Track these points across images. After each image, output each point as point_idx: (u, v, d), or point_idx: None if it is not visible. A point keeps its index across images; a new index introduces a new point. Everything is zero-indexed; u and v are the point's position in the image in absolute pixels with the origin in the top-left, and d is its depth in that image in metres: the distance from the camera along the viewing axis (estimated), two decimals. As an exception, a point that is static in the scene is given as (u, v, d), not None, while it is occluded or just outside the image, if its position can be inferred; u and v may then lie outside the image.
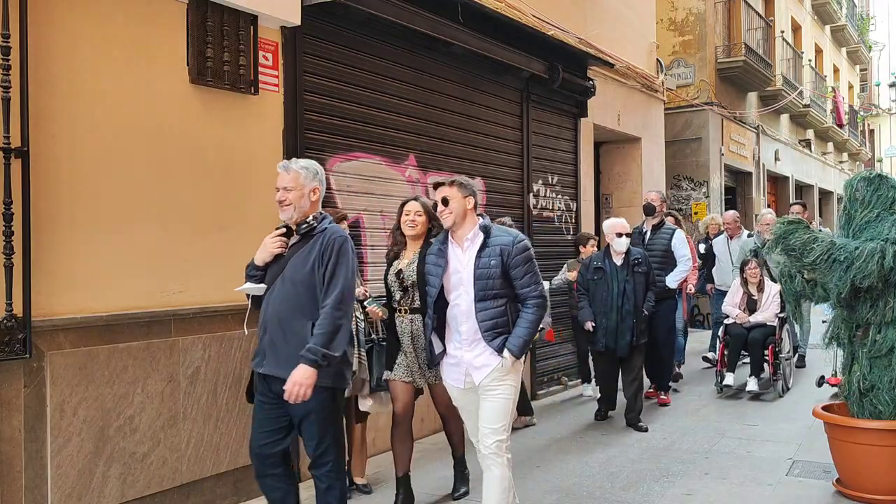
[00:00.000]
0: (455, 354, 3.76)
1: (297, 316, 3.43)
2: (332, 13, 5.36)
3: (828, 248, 4.50)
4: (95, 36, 4.02)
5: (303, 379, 3.30)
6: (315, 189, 3.58)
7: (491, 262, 3.63)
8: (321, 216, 3.58)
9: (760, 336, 7.50)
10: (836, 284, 4.43)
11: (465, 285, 3.68)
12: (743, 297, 7.78)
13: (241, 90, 4.77)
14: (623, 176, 10.95)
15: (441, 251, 3.75)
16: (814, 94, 20.13)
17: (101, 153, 4.02)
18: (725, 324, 7.81)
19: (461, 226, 3.71)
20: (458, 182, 3.72)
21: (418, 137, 6.34)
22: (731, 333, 7.67)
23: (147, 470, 4.18)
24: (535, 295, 3.69)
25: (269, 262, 3.54)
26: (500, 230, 3.76)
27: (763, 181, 16.98)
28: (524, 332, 3.64)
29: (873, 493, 4.51)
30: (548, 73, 7.78)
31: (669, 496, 4.76)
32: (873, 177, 4.83)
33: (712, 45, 14.05)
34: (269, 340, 3.49)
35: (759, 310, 7.66)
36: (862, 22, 28.73)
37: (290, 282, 3.46)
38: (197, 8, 4.52)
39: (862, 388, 4.60)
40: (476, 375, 3.68)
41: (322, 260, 3.44)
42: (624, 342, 6.43)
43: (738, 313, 7.68)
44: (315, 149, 5.33)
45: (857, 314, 4.66)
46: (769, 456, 5.57)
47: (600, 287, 6.51)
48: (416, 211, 4.43)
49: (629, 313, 6.41)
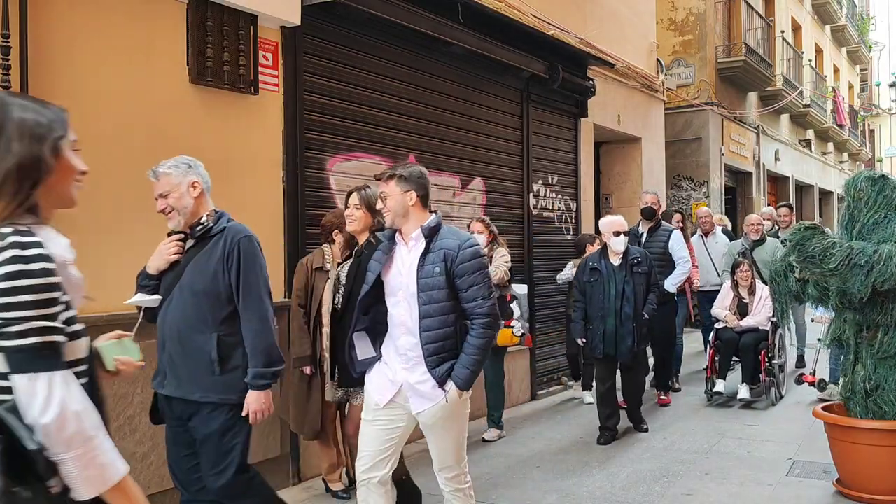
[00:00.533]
0: (391, 367, 3.26)
1: (198, 329, 3.07)
2: (332, 13, 5.36)
3: (847, 252, 4.45)
4: (95, 36, 4.03)
5: (260, 405, 3.08)
6: (193, 183, 3.15)
7: (435, 270, 3.11)
8: (217, 214, 3.19)
9: (752, 341, 7.18)
10: (859, 289, 4.40)
11: (405, 292, 3.18)
12: (734, 300, 7.48)
13: (241, 90, 4.77)
14: (623, 176, 10.95)
15: (388, 246, 3.28)
16: (814, 94, 20.13)
17: (101, 153, 4.02)
18: (716, 328, 7.49)
19: (405, 223, 3.22)
20: (398, 175, 3.21)
21: (418, 137, 6.34)
22: (721, 338, 7.36)
23: (147, 470, 4.18)
24: (483, 312, 3.11)
25: (163, 270, 3.18)
26: (449, 232, 3.23)
27: (763, 181, 16.98)
28: (469, 360, 3.10)
29: (873, 494, 4.50)
30: (548, 73, 7.78)
31: (669, 496, 4.76)
32: (877, 177, 4.82)
33: (712, 44, 14.05)
34: (168, 358, 3.14)
35: (751, 313, 7.36)
36: (862, 22, 28.73)
37: (190, 291, 3.08)
38: (197, 8, 4.52)
39: (868, 387, 4.59)
40: (415, 404, 3.18)
41: (226, 265, 3.08)
42: (624, 347, 5.99)
43: (729, 317, 7.38)
44: (315, 149, 5.33)
45: (865, 316, 4.63)
46: (769, 456, 5.56)
47: (597, 289, 6.06)
48: (355, 204, 4.03)
49: (628, 317, 5.96)
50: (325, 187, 5.44)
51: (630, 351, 6.02)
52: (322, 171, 5.41)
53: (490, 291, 3.15)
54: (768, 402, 7.24)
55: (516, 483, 5.07)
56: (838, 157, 25.38)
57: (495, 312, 3.14)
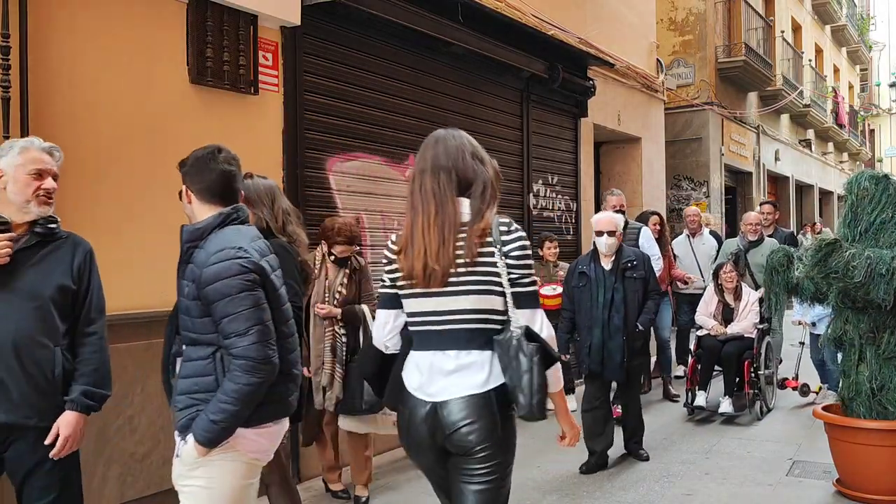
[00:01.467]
0: None
1: (41, 342, 2.63)
2: (333, 13, 5.36)
3: (867, 262, 4.42)
4: (95, 36, 4.02)
5: (76, 431, 2.66)
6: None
7: (185, 289, 2.47)
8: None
9: (735, 350, 6.56)
10: (883, 297, 4.39)
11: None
12: (718, 305, 6.89)
13: (241, 90, 4.77)
14: (623, 176, 10.94)
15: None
16: (814, 94, 20.13)
17: (101, 153, 4.02)
18: (698, 335, 6.91)
19: None
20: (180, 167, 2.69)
21: (418, 137, 6.25)
22: (703, 346, 6.74)
23: (147, 470, 4.18)
24: (238, 353, 2.35)
25: None
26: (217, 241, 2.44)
27: (763, 181, 16.98)
28: (217, 408, 2.34)
29: (873, 494, 4.51)
30: (548, 73, 7.78)
31: (669, 496, 4.76)
32: (881, 176, 4.83)
33: (712, 44, 14.05)
34: None
35: (735, 320, 6.78)
36: (862, 22, 28.73)
37: (30, 297, 2.62)
38: (197, 8, 4.52)
39: (874, 386, 4.59)
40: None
41: (80, 273, 2.75)
42: (613, 364, 5.23)
43: (714, 325, 6.80)
44: (315, 149, 5.33)
45: (871, 317, 4.63)
46: (769, 456, 5.56)
47: (584, 296, 5.33)
48: None
49: (618, 329, 5.20)
50: (325, 187, 5.43)
51: (620, 368, 5.25)
52: (322, 171, 5.41)
53: (251, 326, 2.36)
54: (752, 417, 6.64)
55: (516, 483, 5.05)
56: (838, 157, 25.38)
57: (257, 355, 2.35)
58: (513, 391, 2.25)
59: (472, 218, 2.32)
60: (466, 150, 2.42)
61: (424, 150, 2.46)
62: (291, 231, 3.47)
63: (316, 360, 4.46)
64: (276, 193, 3.51)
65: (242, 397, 2.35)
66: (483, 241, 2.29)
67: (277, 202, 3.47)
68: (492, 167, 2.48)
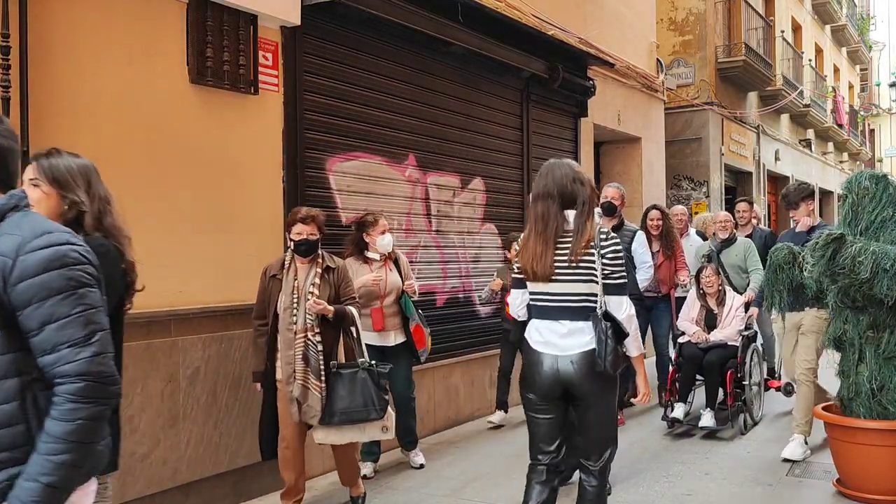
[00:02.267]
0: None
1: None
2: (332, 13, 5.36)
3: (873, 258, 4.38)
4: (95, 36, 4.03)
5: None
6: None
7: None
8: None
9: (717, 359, 6.08)
10: (886, 293, 4.37)
11: None
12: (700, 311, 6.44)
13: (241, 90, 4.77)
14: (623, 176, 10.94)
15: None
16: (814, 94, 20.13)
17: (101, 153, 4.00)
18: (679, 343, 6.42)
19: None
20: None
21: (418, 137, 6.33)
22: (683, 354, 6.27)
23: (147, 470, 4.18)
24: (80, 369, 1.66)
25: None
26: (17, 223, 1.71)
27: (763, 181, 16.98)
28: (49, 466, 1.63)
29: (873, 494, 4.51)
30: (548, 72, 7.78)
31: (669, 496, 4.76)
32: (880, 175, 4.85)
33: (712, 44, 14.05)
34: None
35: (719, 326, 6.32)
36: (862, 22, 28.74)
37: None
38: (197, 8, 4.52)
39: (873, 387, 4.59)
40: None
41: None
42: None
43: (696, 331, 6.32)
44: (315, 149, 5.33)
45: (873, 316, 4.63)
46: (769, 456, 5.56)
47: None
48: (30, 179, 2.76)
49: None
50: (325, 187, 5.44)
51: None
52: (322, 171, 5.41)
53: (93, 332, 1.70)
54: (735, 432, 6.18)
55: (516, 483, 5.06)
56: (838, 157, 25.38)
57: (103, 370, 1.69)
58: (598, 353, 3.14)
59: (575, 226, 3.20)
60: (568, 177, 3.25)
61: (539, 177, 3.32)
62: (110, 224, 2.70)
63: (286, 367, 4.15)
64: (93, 176, 2.73)
65: (83, 438, 1.65)
66: (588, 245, 3.17)
67: (94, 187, 2.71)
68: (589, 186, 3.28)
